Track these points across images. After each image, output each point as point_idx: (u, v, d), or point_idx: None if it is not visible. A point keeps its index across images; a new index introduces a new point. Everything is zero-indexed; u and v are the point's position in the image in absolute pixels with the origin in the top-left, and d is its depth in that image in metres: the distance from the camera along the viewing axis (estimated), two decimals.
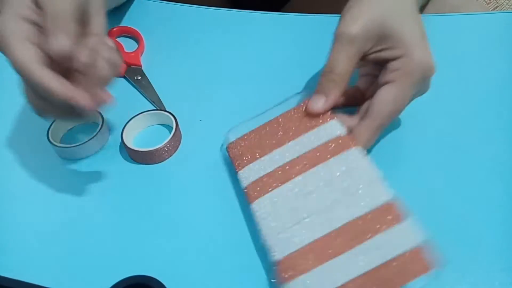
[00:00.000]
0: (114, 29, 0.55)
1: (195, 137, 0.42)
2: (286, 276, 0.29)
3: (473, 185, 0.36)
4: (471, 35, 0.51)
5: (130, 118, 0.42)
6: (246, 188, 0.35)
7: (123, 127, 0.41)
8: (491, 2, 1.13)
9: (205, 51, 0.53)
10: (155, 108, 0.45)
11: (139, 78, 0.49)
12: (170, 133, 0.40)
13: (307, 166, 0.34)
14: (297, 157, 0.35)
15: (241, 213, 0.37)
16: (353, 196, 0.32)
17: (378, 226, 0.30)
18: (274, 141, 0.37)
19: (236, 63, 0.50)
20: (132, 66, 0.50)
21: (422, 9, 0.58)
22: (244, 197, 0.35)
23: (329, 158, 0.34)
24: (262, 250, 0.33)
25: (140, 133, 0.43)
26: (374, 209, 0.31)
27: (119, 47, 0.53)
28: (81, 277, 0.33)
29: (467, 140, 0.40)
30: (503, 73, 0.46)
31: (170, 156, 0.41)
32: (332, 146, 0.34)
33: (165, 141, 0.40)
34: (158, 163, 0.40)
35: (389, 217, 0.30)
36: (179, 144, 0.42)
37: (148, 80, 0.49)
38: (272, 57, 0.50)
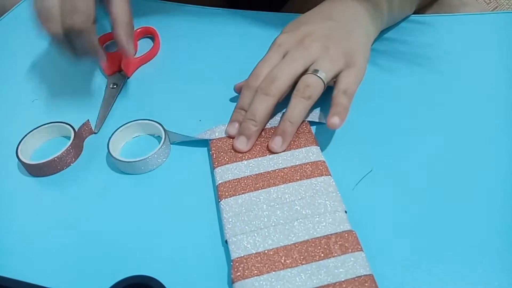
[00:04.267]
0: (138, 30, 0.55)
1: None
2: (238, 275, 0.31)
3: (473, 185, 0.36)
4: (471, 35, 0.51)
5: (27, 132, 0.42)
6: (218, 185, 0.37)
7: (23, 138, 0.41)
8: (491, 2, 1.13)
9: (205, 50, 0.53)
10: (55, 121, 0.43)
11: (114, 87, 0.48)
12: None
13: (281, 180, 0.36)
14: (274, 170, 0.37)
15: None
16: (316, 218, 0.33)
17: (334, 249, 0.31)
18: (256, 150, 0.39)
19: (236, 63, 0.50)
20: (121, 72, 0.50)
21: (420, 10, 0.58)
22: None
23: (303, 179, 0.36)
24: None
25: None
26: (333, 233, 0.32)
27: (134, 49, 0.52)
28: (81, 277, 0.33)
29: (466, 140, 0.40)
30: (503, 73, 0.46)
31: (73, 163, 0.41)
32: (309, 169, 0.37)
33: (63, 149, 0.40)
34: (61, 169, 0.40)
35: (346, 244, 0.31)
36: (79, 153, 0.42)
37: (117, 93, 0.47)
38: None
